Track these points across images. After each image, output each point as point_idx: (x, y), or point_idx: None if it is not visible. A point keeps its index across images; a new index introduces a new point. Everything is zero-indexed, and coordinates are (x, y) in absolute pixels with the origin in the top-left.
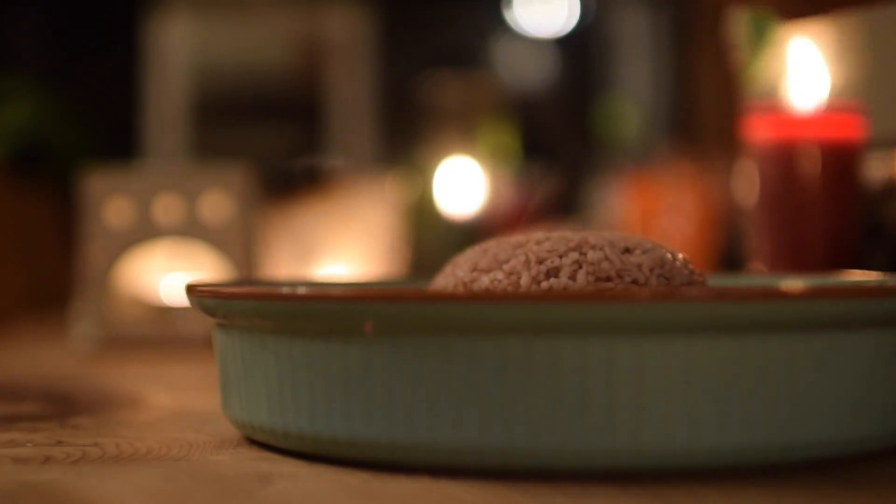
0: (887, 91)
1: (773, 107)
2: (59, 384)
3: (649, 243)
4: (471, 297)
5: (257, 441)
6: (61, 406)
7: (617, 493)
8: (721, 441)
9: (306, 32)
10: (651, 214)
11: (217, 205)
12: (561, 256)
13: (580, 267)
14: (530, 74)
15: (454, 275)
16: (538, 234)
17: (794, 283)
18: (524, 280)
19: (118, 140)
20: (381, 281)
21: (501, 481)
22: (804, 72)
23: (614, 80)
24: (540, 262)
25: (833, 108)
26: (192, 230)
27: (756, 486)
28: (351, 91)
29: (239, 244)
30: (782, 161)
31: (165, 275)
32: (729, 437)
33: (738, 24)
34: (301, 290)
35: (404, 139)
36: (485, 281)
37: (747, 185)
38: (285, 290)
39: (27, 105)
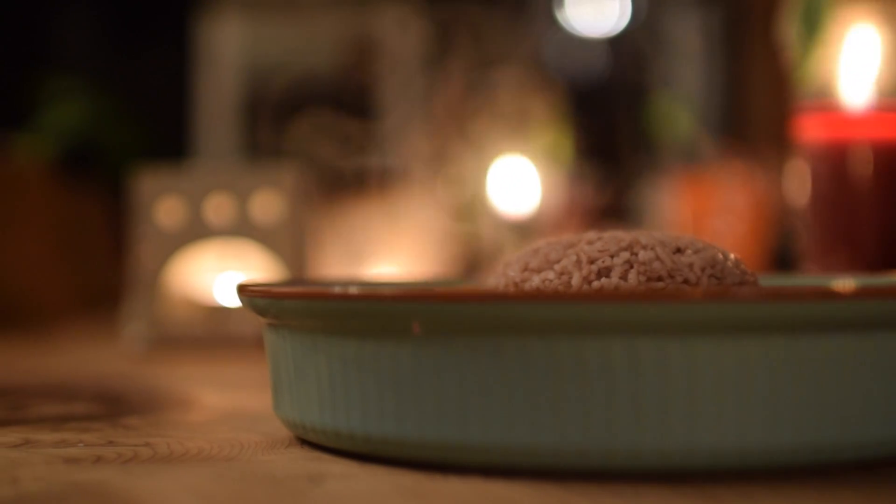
0: None
1: (826, 106)
2: (110, 384)
3: (701, 243)
4: (521, 297)
5: (309, 441)
6: (112, 406)
7: (668, 494)
8: (773, 441)
9: (358, 32)
10: (703, 214)
11: (268, 204)
12: (612, 256)
13: (631, 267)
14: (582, 74)
15: (505, 275)
16: (590, 234)
17: (846, 283)
18: (575, 280)
19: (169, 140)
20: (433, 281)
21: (553, 481)
22: (857, 69)
23: (666, 79)
24: (591, 261)
25: (885, 108)
26: (243, 230)
27: (808, 487)
28: (403, 91)
29: (290, 244)
30: (834, 161)
31: (217, 275)
32: (781, 437)
33: (790, 21)
34: (352, 290)
35: (456, 138)
36: (536, 281)
37: (799, 184)
38: (337, 289)
39: (78, 105)
